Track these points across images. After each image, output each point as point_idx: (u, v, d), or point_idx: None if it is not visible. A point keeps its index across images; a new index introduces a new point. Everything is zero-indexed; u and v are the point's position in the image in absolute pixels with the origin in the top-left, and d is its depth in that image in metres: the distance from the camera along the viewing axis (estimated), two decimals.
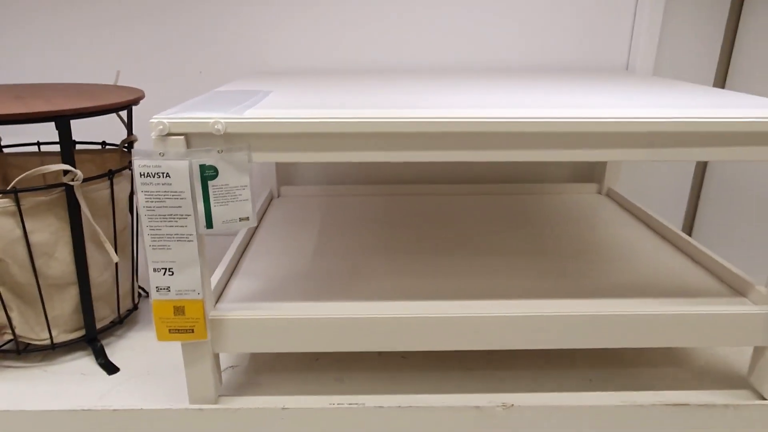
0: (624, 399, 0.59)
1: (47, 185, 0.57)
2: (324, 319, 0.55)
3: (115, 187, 0.64)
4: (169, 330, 0.53)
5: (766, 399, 0.59)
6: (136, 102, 0.64)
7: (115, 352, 0.67)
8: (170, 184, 0.48)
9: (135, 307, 0.74)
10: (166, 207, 0.49)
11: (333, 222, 0.83)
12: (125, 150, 0.74)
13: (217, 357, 0.58)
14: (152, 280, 0.51)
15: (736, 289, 0.64)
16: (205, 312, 0.53)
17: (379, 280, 0.65)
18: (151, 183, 0.48)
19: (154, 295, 0.52)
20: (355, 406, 0.57)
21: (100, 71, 0.93)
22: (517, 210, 0.89)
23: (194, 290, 0.52)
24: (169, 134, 0.48)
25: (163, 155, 0.48)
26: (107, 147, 0.75)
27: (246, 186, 0.50)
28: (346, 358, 0.66)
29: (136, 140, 0.73)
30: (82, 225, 0.60)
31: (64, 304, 0.63)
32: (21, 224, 0.57)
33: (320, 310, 0.56)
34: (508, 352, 0.67)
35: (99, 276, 0.65)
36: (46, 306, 0.62)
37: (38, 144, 0.74)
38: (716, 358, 0.67)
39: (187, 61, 0.93)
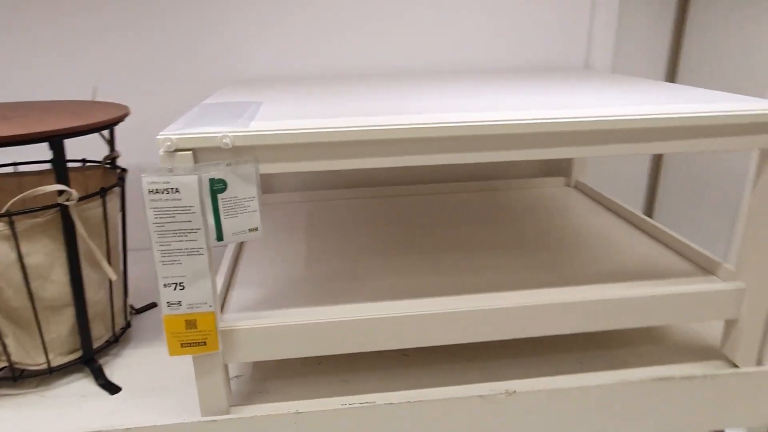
0: (614, 377, 0.63)
1: (42, 207, 0.56)
2: (332, 323, 0.57)
3: (107, 204, 0.63)
4: (181, 344, 0.54)
5: (738, 367, 0.65)
6: (123, 118, 0.64)
7: (113, 371, 0.67)
8: (180, 199, 0.49)
9: (128, 325, 0.73)
10: (175, 222, 0.49)
11: (317, 227, 0.85)
12: (107, 166, 0.73)
13: (226, 368, 0.58)
14: (163, 295, 0.52)
15: (705, 268, 0.69)
16: (216, 323, 0.53)
17: (374, 281, 0.67)
18: (160, 199, 0.49)
19: (165, 311, 0.52)
20: (367, 404, 0.59)
21: (66, 87, 0.90)
22: (493, 206, 0.93)
23: (206, 303, 0.52)
24: (177, 150, 0.48)
25: (171, 171, 0.48)
26: (87, 164, 0.74)
27: (254, 197, 0.51)
28: (348, 360, 0.67)
29: (118, 156, 0.72)
30: (77, 245, 0.59)
31: (60, 327, 0.62)
32: (16, 248, 0.56)
33: (326, 314, 0.57)
34: (503, 342, 0.70)
35: (94, 295, 0.64)
36: (42, 329, 0.61)
37: (14, 164, 0.72)
38: (690, 334, 0.72)
39: (159, 73, 0.92)
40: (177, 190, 0.49)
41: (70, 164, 0.85)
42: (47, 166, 0.76)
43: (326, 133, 0.50)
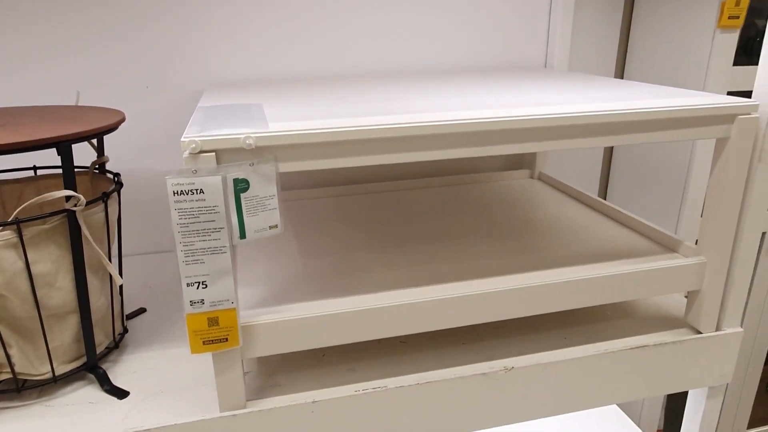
0: (597, 349, 0.70)
1: (49, 213, 0.56)
2: (344, 314, 0.59)
3: (108, 209, 0.63)
4: (203, 342, 0.55)
5: (701, 333, 0.72)
6: (121, 123, 0.64)
7: (116, 376, 0.66)
8: (204, 199, 0.50)
9: (126, 330, 0.72)
10: (199, 222, 0.51)
11: (306, 225, 0.87)
12: (96, 172, 0.72)
13: (243, 363, 0.60)
14: (186, 294, 0.53)
15: (668, 246, 0.77)
16: (237, 319, 0.55)
17: (369, 274, 0.70)
18: (185, 200, 0.50)
19: (187, 309, 0.53)
20: (379, 389, 0.62)
21: (35, 91, 0.88)
22: (466, 198, 0.98)
23: (228, 299, 0.54)
24: (201, 152, 0.50)
25: (195, 172, 0.50)
26: (76, 170, 0.72)
27: (274, 195, 0.53)
28: (350, 351, 0.70)
29: (107, 161, 0.72)
30: (82, 251, 0.59)
31: (64, 334, 0.61)
32: (23, 256, 0.55)
33: (337, 306, 0.60)
34: (495, 324, 0.75)
35: (97, 301, 0.64)
36: (47, 338, 0.60)
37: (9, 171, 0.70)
38: (657, 307, 0.80)
39: (135, 77, 0.91)
40: (201, 191, 0.50)
41: (53, 170, 0.84)
42: (34, 171, 0.75)
43: (342, 132, 0.52)
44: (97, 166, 0.71)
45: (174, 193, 0.49)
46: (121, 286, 0.72)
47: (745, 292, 0.72)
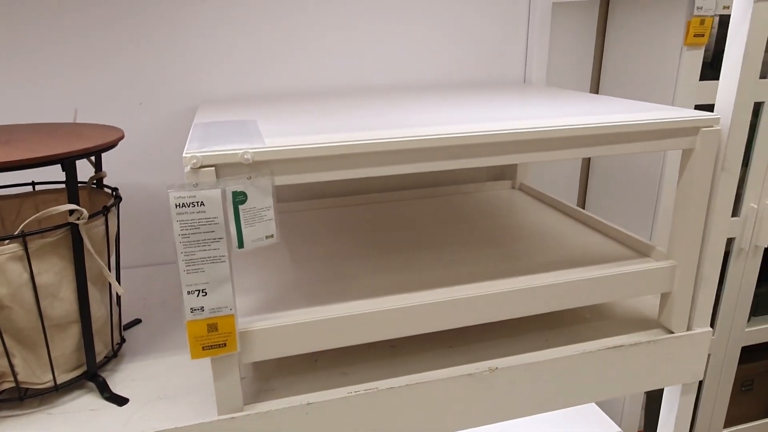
0: (576, 350, 0.73)
1: (52, 227, 0.58)
2: (338, 318, 0.62)
3: (108, 222, 0.65)
4: (203, 347, 0.57)
5: (674, 332, 0.77)
6: (120, 139, 0.66)
7: (115, 384, 0.68)
8: (204, 211, 0.53)
9: (123, 340, 0.74)
10: (200, 233, 0.54)
11: (298, 235, 0.90)
12: (94, 186, 0.74)
13: (240, 368, 0.62)
14: (186, 302, 0.55)
15: (641, 251, 0.81)
16: (236, 325, 0.58)
17: (360, 281, 0.73)
18: (186, 212, 0.53)
19: (188, 317, 0.56)
20: (371, 390, 0.65)
21: (36, 110, 0.90)
22: (450, 209, 1.02)
23: (227, 306, 0.57)
24: (202, 167, 0.53)
25: (196, 186, 0.53)
26: None
27: (270, 207, 0.56)
28: (342, 355, 0.73)
29: (105, 176, 0.74)
30: (84, 263, 0.61)
31: (66, 344, 0.63)
32: (29, 268, 0.57)
33: (331, 312, 0.63)
34: (479, 327, 0.79)
35: (97, 311, 0.66)
36: (49, 347, 0.62)
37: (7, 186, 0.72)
38: (631, 309, 0.84)
39: (128, 94, 0.93)
40: (202, 203, 0.53)
41: (55, 185, 0.86)
42: (32, 187, 0.77)
43: (333, 147, 0.56)
44: (95, 181, 0.74)
45: (176, 206, 0.52)
46: (119, 297, 0.74)
47: (713, 293, 0.77)
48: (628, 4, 1.10)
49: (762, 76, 1.09)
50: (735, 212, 1.16)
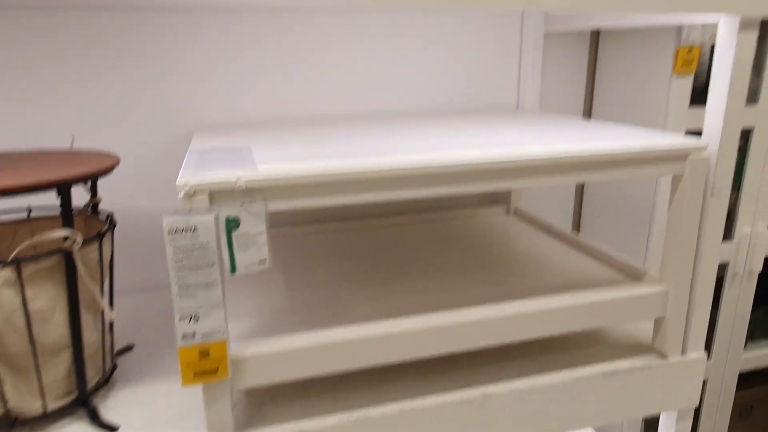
0: (569, 375, 0.73)
1: (46, 252, 0.58)
2: (330, 344, 0.62)
3: (102, 248, 0.66)
4: (194, 374, 0.57)
5: (668, 357, 0.76)
6: (116, 165, 0.67)
7: (107, 411, 0.68)
8: (198, 236, 0.54)
9: (115, 366, 0.74)
10: (193, 258, 0.54)
11: (291, 260, 0.90)
12: (89, 212, 0.75)
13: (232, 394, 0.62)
14: (178, 328, 0.55)
15: (633, 276, 0.82)
16: (228, 351, 0.58)
17: (353, 307, 0.73)
18: (179, 238, 0.53)
19: (180, 343, 0.56)
20: (364, 418, 0.65)
21: (33, 135, 0.91)
22: (445, 234, 1.02)
23: (219, 332, 0.57)
24: (195, 193, 0.53)
25: (190, 212, 0.53)
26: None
27: (263, 232, 0.57)
28: (336, 381, 0.73)
29: (100, 201, 0.75)
30: (77, 289, 0.62)
31: (58, 369, 0.63)
32: (21, 294, 0.57)
33: (323, 338, 0.63)
34: (472, 353, 0.79)
35: (89, 337, 0.66)
36: (40, 373, 0.62)
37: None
38: (625, 334, 0.84)
39: (124, 120, 0.94)
40: (195, 229, 0.53)
41: (51, 211, 0.86)
42: (28, 213, 0.77)
43: (326, 174, 0.57)
44: (90, 206, 0.74)
45: (169, 232, 0.53)
46: (112, 323, 0.74)
47: (706, 318, 0.77)
48: (617, 34, 1.12)
49: (750, 101, 1.11)
50: (728, 236, 1.17)
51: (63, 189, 0.57)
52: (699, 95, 1.10)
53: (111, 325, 0.74)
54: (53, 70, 0.90)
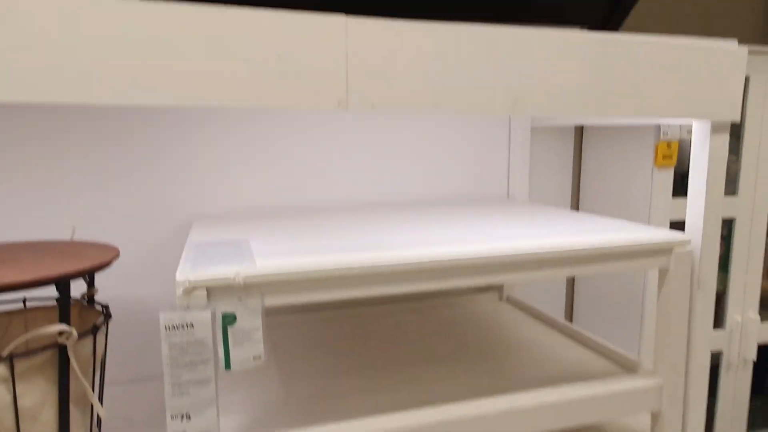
0: None
1: (41, 347, 0.58)
2: None
3: (96, 342, 0.66)
4: None
5: None
6: (116, 258, 0.68)
7: None
8: (193, 333, 0.54)
9: None
10: (188, 354, 0.54)
11: (285, 349, 0.89)
12: (85, 303, 0.75)
13: None
14: (169, 427, 0.55)
15: (628, 367, 0.82)
16: None
17: (350, 399, 0.73)
18: (176, 335, 0.54)
19: None
20: None
21: (35, 226, 0.93)
22: (439, 321, 1.02)
23: (211, 431, 0.56)
24: (193, 289, 0.54)
25: (188, 308, 0.54)
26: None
27: (259, 328, 0.57)
28: None
29: (96, 293, 0.75)
30: (68, 384, 0.61)
31: None
32: (12, 391, 0.57)
33: None
34: None
35: None
36: None
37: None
38: (622, 425, 0.83)
39: (123, 211, 0.97)
40: (192, 325, 0.54)
41: (46, 302, 0.86)
42: (23, 304, 0.77)
43: (324, 270, 0.58)
44: (87, 298, 0.75)
45: (166, 328, 0.53)
46: (100, 419, 0.72)
47: (703, 409, 0.76)
48: (600, 130, 1.18)
49: (730, 192, 1.15)
50: (720, 324, 1.17)
51: (61, 284, 0.58)
52: (684, 181, 1.15)
53: (99, 421, 0.72)
54: (55, 163, 0.93)
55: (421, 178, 1.11)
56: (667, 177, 1.06)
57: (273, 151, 1.03)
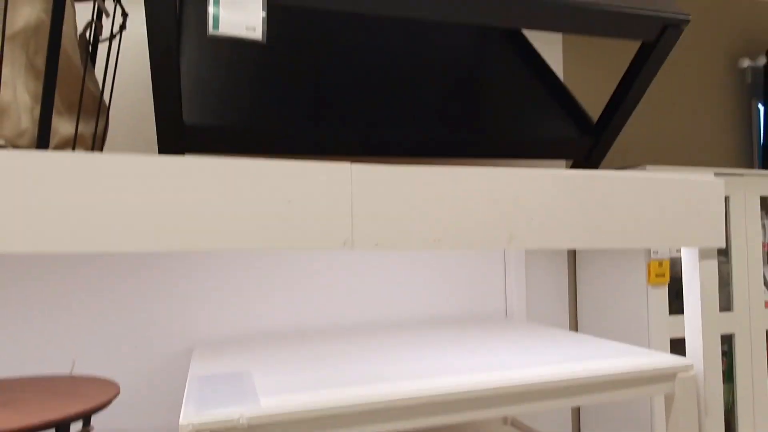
0: None
1: None
2: None
3: None
4: None
5: None
6: (116, 396, 0.67)
7: None
8: None
9: None
10: None
11: None
12: None
13: None
14: None
15: None
16: None
17: None
18: None
19: None
20: None
21: (30, 357, 0.92)
22: None
23: None
24: None
25: None
26: None
27: None
28: None
29: (92, 429, 0.73)
30: None
31: None
32: None
33: None
34: None
35: None
36: None
37: None
38: None
39: (120, 337, 0.96)
40: None
41: None
42: None
43: (329, 409, 0.58)
44: None
45: None
46: None
47: None
48: (593, 250, 1.22)
49: (725, 308, 1.16)
50: None
51: (62, 427, 0.57)
52: (679, 296, 1.17)
53: None
54: (56, 296, 0.94)
55: (421, 299, 1.13)
56: (662, 294, 1.08)
57: (268, 278, 1.05)
